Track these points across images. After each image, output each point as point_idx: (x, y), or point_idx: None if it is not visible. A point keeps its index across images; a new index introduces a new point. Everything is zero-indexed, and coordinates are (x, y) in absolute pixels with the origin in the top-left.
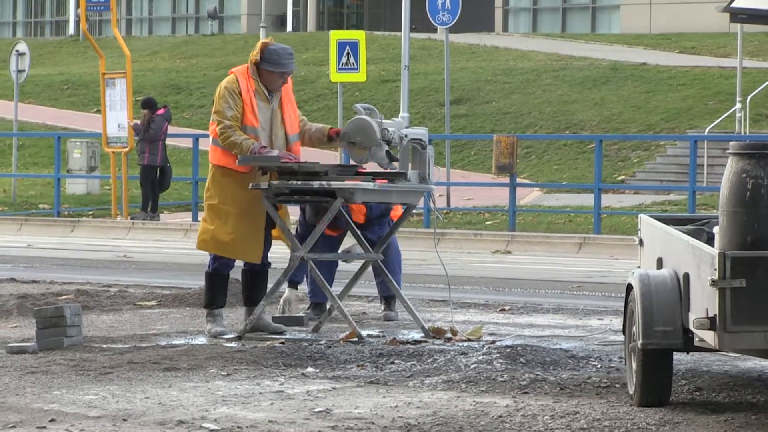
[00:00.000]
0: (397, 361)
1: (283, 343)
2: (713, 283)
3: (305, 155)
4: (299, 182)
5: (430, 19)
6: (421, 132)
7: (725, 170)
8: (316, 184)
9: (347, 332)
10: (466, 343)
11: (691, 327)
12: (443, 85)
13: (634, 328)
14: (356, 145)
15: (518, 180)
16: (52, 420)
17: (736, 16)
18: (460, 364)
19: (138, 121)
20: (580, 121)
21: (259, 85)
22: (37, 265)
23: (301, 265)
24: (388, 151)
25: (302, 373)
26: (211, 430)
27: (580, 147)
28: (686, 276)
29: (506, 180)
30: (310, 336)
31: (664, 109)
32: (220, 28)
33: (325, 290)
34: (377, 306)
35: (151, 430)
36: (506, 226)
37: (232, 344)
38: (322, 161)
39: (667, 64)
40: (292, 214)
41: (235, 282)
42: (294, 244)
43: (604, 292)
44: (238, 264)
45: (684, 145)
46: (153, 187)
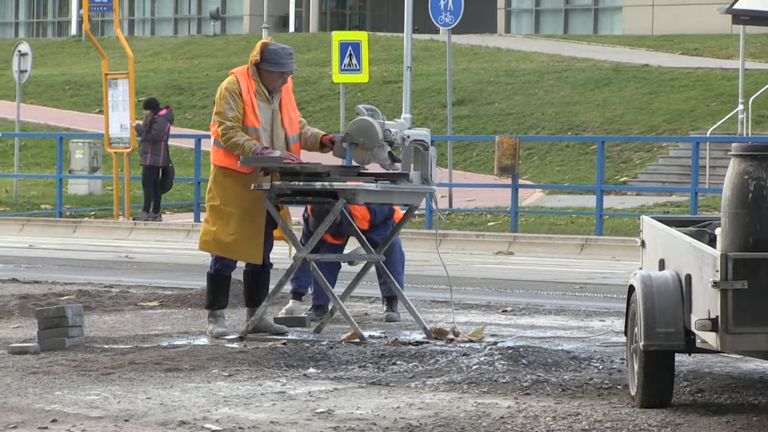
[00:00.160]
0: (398, 362)
1: (284, 344)
2: (715, 284)
3: (307, 157)
4: (301, 183)
5: (433, 20)
6: (423, 133)
7: (727, 172)
8: (318, 185)
9: (349, 333)
10: (467, 344)
11: (693, 328)
12: (446, 86)
13: (636, 330)
14: (358, 146)
15: (520, 181)
16: (54, 420)
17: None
18: (462, 365)
19: (140, 122)
20: (583, 123)
21: (259, 85)
22: (39, 265)
23: (306, 275)
24: (390, 152)
25: (304, 374)
26: (213, 431)
27: (582, 148)
28: (688, 277)
29: (508, 181)
30: (311, 337)
31: (667, 110)
32: (223, 29)
33: (327, 291)
34: (379, 307)
35: (152, 431)
36: (508, 227)
37: (234, 345)
38: (324, 162)
39: (669, 66)
40: (294, 216)
41: (236, 283)
42: (296, 245)
43: (606, 293)
44: (240, 265)
45: (686, 147)
46: (155, 188)
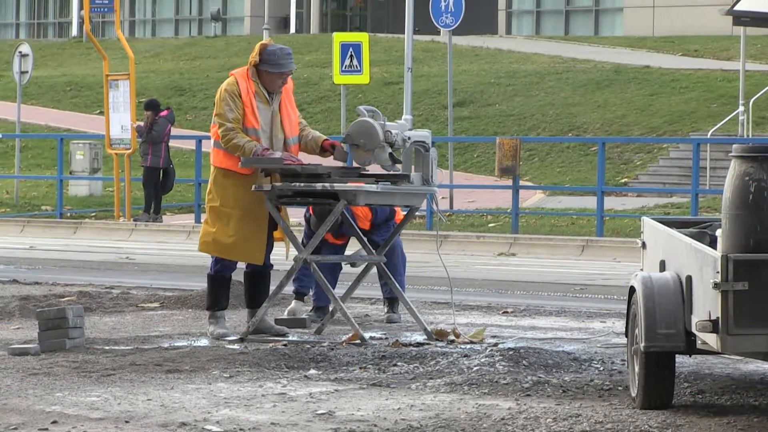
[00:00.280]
0: (399, 364)
1: (285, 345)
2: (716, 285)
3: (307, 158)
4: (302, 184)
5: (434, 21)
6: (424, 134)
7: (728, 173)
8: (319, 186)
9: (350, 334)
10: (468, 346)
11: (694, 330)
12: (446, 88)
13: (637, 331)
14: (359, 148)
15: (521, 182)
16: (54, 422)
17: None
18: (463, 366)
19: (141, 123)
20: (583, 124)
21: (258, 86)
22: (40, 266)
23: (308, 275)
24: (391, 153)
25: (305, 375)
26: None
27: (582, 149)
28: (689, 279)
29: (509, 182)
30: (312, 338)
31: (667, 111)
32: (223, 30)
33: (328, 292)
34: (380, 308)
35: None
36: (509, 228)
37: (235, 346)
38: (325, 163)
39: (670, 67)
40: (292, 216)
41: (237, 284)
42: (297, 247)
43: (607, 294)
44: (240, 266)
45: (687, 148)
46: (156, 189)
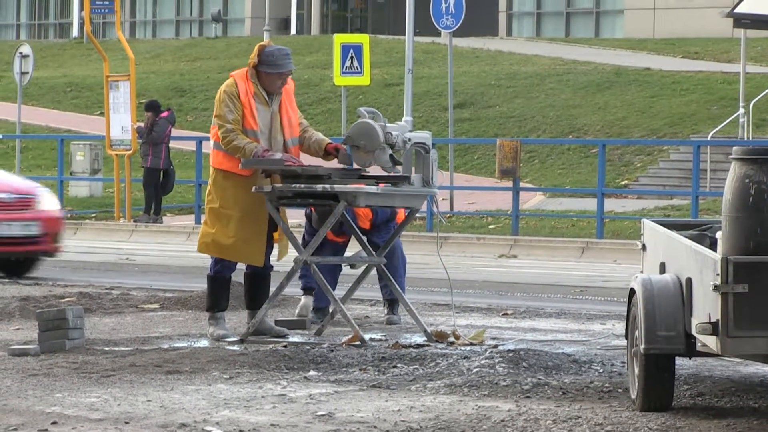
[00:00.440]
0: (399, 365)
1: (285, 347)
2: (716, 288)
3: (308, 160)
4: (302, 185)
5: (434, 23)
6: (424, 136)
7: (728, 175)
8: (319, 188)
9: (350, 336)
10: (468, 347)
11: (694, 332)
12: (447, 89)
13: (637, 333)
14: (360, 149)
15: (521, 184)
16: (54, 423)
17: (740, 22)
18: (463, 368)
19: (141, 124)
20: (584, 126)
21: (258, 88)
22: (40, 267)
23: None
24: (391, 155)
25: (304, 377)
26: None
27: (583, 151)
28: (689, 281)
29: (509, 184)
30: (312, 339)
31: (668, 113)
32: (224, 31)
33: (328, 294)
34: (380, 309)
35: None
36: (509, 230)
37: (235, 347)
38: (326, 165)
39: (670, 69)
40: (292, 218)
41: (237, 285)
42: (297, 248)
43: (607, 296)
44: (240, 267)
45: (687, 150)
46: (156, 190)
